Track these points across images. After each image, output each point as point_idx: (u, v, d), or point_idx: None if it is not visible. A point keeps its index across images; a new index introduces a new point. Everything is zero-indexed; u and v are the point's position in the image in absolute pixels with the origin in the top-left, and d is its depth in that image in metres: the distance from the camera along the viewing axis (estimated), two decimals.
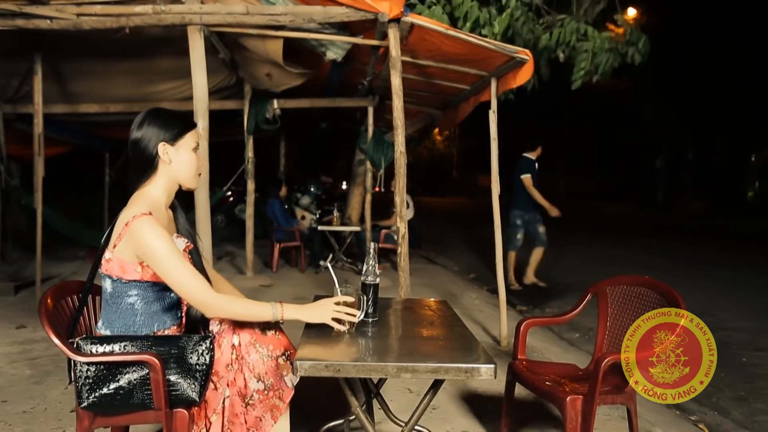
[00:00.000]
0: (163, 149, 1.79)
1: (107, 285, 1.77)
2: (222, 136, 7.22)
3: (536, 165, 6.45)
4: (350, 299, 1.85)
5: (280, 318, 1.76)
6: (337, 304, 1.83)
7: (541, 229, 6.51)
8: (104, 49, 4.85)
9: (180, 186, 1.88)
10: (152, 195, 1.81)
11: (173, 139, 1.80)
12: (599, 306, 2.52)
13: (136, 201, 1.77)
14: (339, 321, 1.84)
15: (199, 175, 1.90)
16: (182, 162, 1.82)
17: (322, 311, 1.81)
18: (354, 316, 1.84)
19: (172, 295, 1.83)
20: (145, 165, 1.80)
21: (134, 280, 1.74)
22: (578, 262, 8.65)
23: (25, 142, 6.41)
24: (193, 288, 1.68)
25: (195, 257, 1.87)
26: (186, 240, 1.86)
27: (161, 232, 1.68)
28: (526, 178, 6.33)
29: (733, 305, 6.01)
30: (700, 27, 18.88)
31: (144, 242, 1.66)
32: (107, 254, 1.75)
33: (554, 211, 6.34)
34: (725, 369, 3.97)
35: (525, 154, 6.47)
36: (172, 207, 1.94)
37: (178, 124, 1.82)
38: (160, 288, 1.78)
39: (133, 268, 1.73)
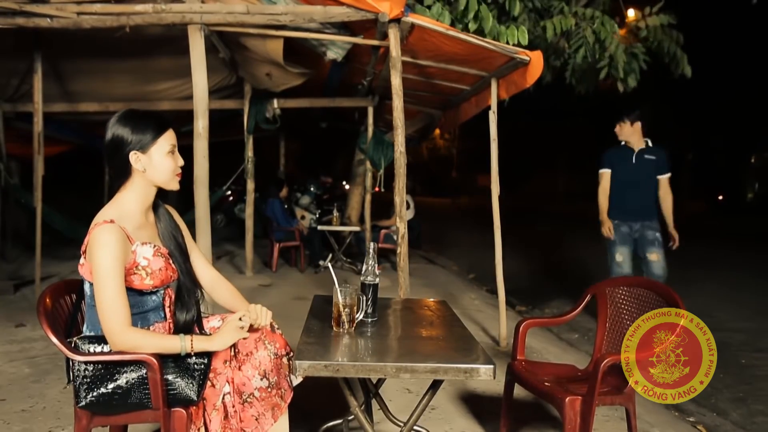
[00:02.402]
0: (135, 158, 1.74)
1: (87, 288, 1.76)
2: (222, 136, 7.22)
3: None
4: (245, 321, 1.84)
5: (189, 350, 1.70)
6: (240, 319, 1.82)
7: (654, 255, 4.31)
8: (104, 48, 4.85)
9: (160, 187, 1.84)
10: (126, 201, 1.78)
11: (144, 147, 1.74)
12: (598, 307, 2.52)
13: (107, 206, 1.76)
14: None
15: (179, 175, 1.84)
16: (156, 168, 1.77)
17: (226, 332, 1.76)
18: (251, 325, 1.84)
19: (153, 298, 1.80)
20: (119, 170, 1.76)
21: None
22: (577, 263, 8.64)
23: (24, 141, 6.41)
24: (110, 315, 1.63)
25: (177, 259, 1.86)
26: (155, 245, 1.79)
27: (111, 246, 1.64)
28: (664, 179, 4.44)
29: (733, 306, 6.01)
30: (699, 27, 18.88)
31: (92, 252, 1.65)
32: (81, 259, 1.74)
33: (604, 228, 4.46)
34: (724, 370, 3.97)
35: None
36: (155, 207, 1.89)
37: (149, 129, 1.75)
38: (135, 293, 1.75)
39: None
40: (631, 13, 6.87)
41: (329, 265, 2.15)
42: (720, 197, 26.80)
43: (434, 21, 3.93)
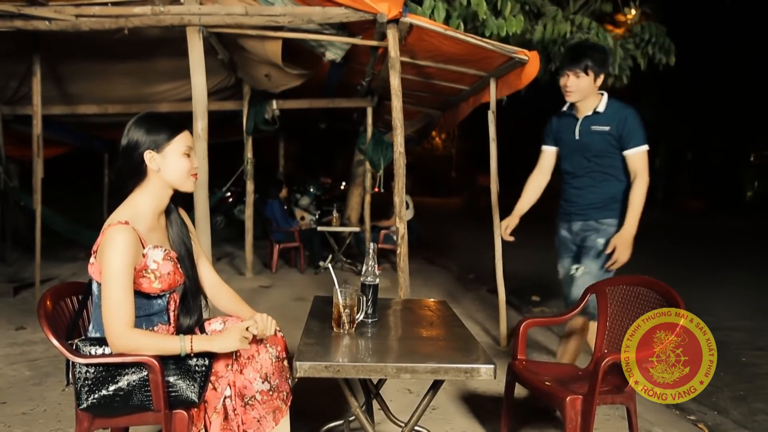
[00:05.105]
0: (150, 157, 1.76)
1: (95, 288, 1.77)
2: (221, 137, 7.22)
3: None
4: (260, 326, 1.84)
5: (189, 351, 1.70)
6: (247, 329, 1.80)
7: (580, 267, 2.94)
8: (103, 50, 4.85)
9: (176, 190, 1.85)
10: (140, 202, 1.79)
11: (159, 146, 1.77)
12: (599, 306, 2.52)
13: (121, 207, 1.77)
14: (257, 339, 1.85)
15: (195, 176, 1.86)
16: (170, 168, 1.79)
17: (229, 337, 1.74)
18: (258, 334, 1.83)
19: (159, 302, 1.81)
20: (134, 172, 1.78)
21: None
22: None
23: (24, 144, 6.41)
24: (113, 315, 1.63)
25: (185, 264, 1.87)
26: (165, 249, 1.80)
27: (123, 248, 1.65)
28: (643, 153, 2.81)
29: (733, 305, 6.01)
30: (698, 27, 18.90)
31: (104, 252, 1.66)
32: (91, 258, 1.75)
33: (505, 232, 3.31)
34: (724, 368, 3.97)
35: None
36: (168, 211, 1.90)
37: (164, 130, 1.78)
38: (142, 296, 1.76)
39: None
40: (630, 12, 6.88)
41: (329, 265, 2.14)
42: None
43: (433, 21, 3.94)
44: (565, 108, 3.03)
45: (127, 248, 1.65)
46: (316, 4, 3.81)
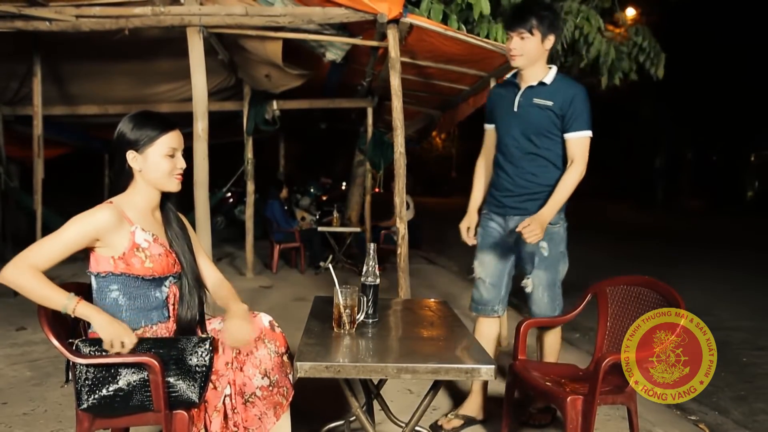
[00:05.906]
0: (132, 157, 1.78)
1: (92, 282, 1.80)
2: (221, 138, 7.23)
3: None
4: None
5: (71, 311, 1.67)
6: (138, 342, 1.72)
7: (528, 282, 2.73)
8: (103, 50, 4.86)
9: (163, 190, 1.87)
10: (132, 196, 1.83)
11: (141, 147, 1.77)
12: (599, 306, 2.52)
13: (116, 197, 1.81)
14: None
15: (179, 177, 1.85)
16: (151, 169, 1.79)
17: (114, 328, 1.66)
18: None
19: (157, 294, 1.82)
20: (120, 169, 1.81)
21: (110, 273, 1.75)
22: (577, 262, 8.64)
23: (24, 144, 6.42)
24: (29, 251, 1.69)
25: (183, 257, 1.89)
26: (154, 234, 1.81)
27: (90, 221, 1.69)
28: (585, 139, 2.51)
29: (733, 305, 6.01)
30: (698, 27, 18.90)
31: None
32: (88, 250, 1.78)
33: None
34: (725, 368, 3.97)
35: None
36: (163, 208, 1.92)
37: (148, 130, 1.78)
38: (140, 283, 1.77)
39: (105, 260, 1.75)
40: (630, 12, 6.88)
41: (329, 266, 2.14)
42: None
43: (433, 21, 3.94)
44: (508, 75, 2.68)
45: (94, 224, 1.69)
46: (316, 5, 3.81)
